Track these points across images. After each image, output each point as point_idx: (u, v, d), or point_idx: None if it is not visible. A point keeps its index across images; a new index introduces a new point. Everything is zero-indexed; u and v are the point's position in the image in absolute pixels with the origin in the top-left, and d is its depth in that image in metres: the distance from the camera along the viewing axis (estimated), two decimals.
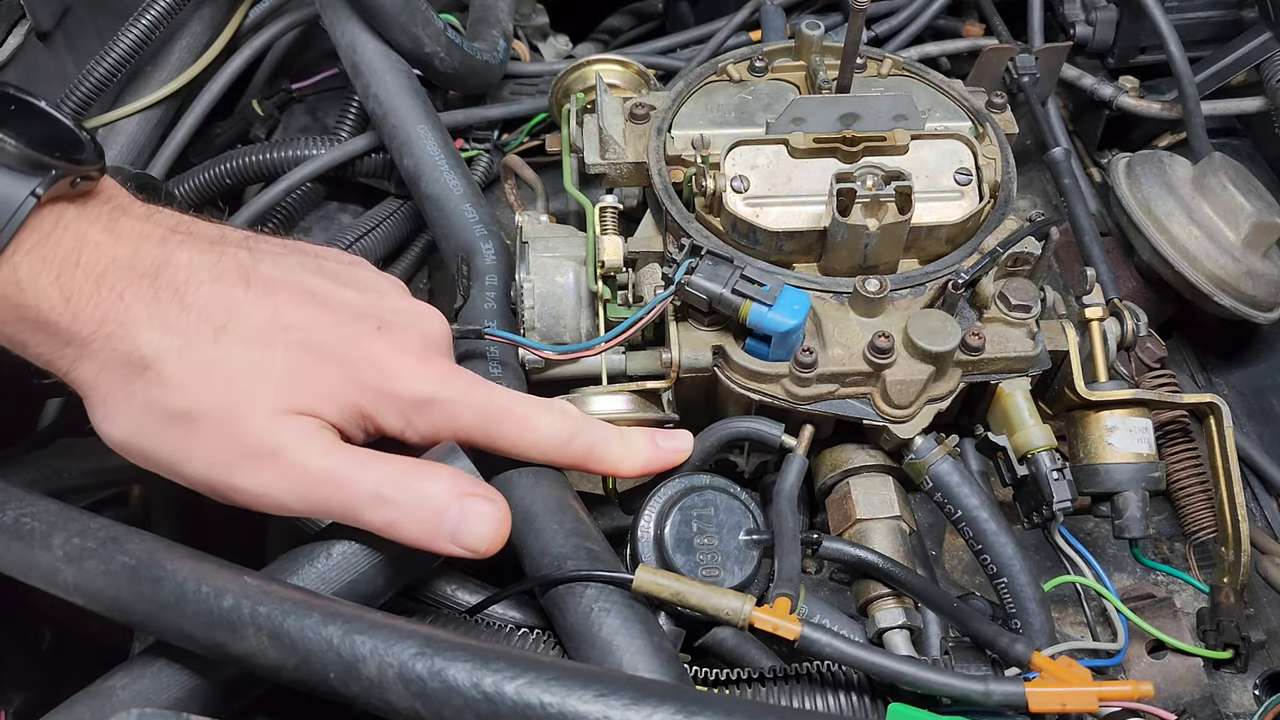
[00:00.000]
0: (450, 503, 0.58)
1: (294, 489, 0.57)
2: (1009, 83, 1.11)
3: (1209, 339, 1.10)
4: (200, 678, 0.57)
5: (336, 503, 0.58)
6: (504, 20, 1.15)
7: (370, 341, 0.61)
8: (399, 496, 0.58)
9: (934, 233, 0.76)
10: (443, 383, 0.62)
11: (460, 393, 0.63)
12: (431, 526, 0.58)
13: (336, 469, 0.57)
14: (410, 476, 0.59)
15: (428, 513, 0.58)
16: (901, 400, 0.72)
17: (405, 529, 0.58)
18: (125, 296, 0.55)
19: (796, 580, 0.67)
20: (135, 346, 0.55)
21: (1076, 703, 0.61)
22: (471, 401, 0.63)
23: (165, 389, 0.55)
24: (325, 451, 0.58)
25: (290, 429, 0.57)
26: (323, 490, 0.57)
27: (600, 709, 0.48)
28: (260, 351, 0.57)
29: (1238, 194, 0.93)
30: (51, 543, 0.56)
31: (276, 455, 0.56)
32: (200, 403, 0.56)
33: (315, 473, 0.57)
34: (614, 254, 0.78)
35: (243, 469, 0.57)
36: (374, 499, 0.57)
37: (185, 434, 0.56)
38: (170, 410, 0.56)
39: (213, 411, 0.56)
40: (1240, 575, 0.82)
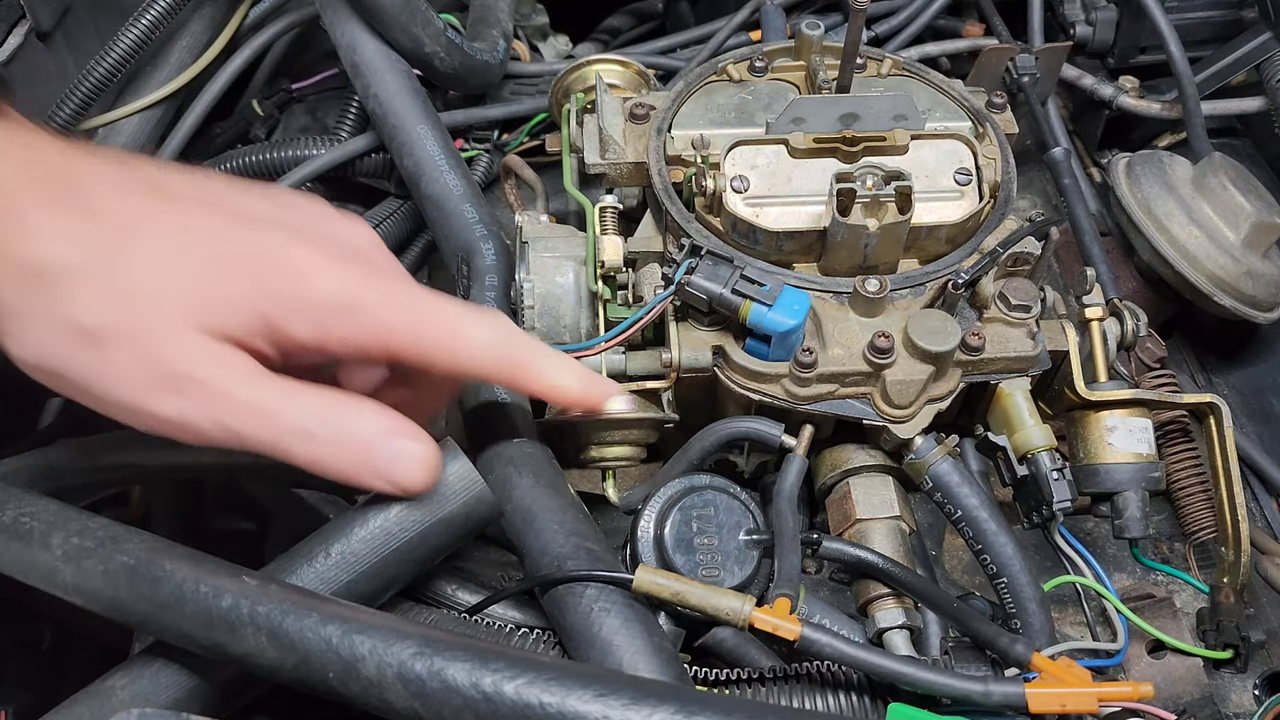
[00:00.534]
0: (379, 441, 0.56)
1: (217, 419, 0.54)
2: (1009, 83, 1.11)
3: (1209, 339, 1.09)
4: (199, 678, 0.57)
5: (260, 436, 0.54)
6: (504, 20, 1.15)
7: (282, 247, 0.56)
8: (324, 433, 0.55)
9: (934, 233, 0.76)
10: (362, 284, 0.56)
11: (382, 295, 0.57)
12: (360, 464, 0.56)
13: (260, 400, 0.54)
14: (337, 411, 0.56)
15: (354, 450, 0.56)
16: (901, 400, 0.72)
17: (331, 465, 0.56)
18: (21, 203, 0.52)
19: (796, 580, 0.67)
20: (34, 256, 0.51)
21: (1076, 703, 0.61)
22: (395, 305, 0.57)
23: (70, 303, 0.52)
24: (248, 380, 0.54)
25: (209, 354, 0.53)
26: (246, 422, 0.54)
27: (600, 709, 0.48)
28: (167, 262, 0.54)
29: (1238, 194, 0.93)
30: (50, 542, 0.56)
31: (197, 383, 0.53)
32: (107, 319, 0.52)
33: (238, 403, 0.54)
34: (614, 254, 0.78)
35: (163, 396, 0.53)
36: (299, 434, 0.55)
37: (96, 354, 0.52)
38: (77, 326, 0.52)
39: (122, 328, 0.52)
40: (1240, 575, 0.82)
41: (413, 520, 0.62)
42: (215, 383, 0.53)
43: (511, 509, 0.68)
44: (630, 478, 0.97)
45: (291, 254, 0.56)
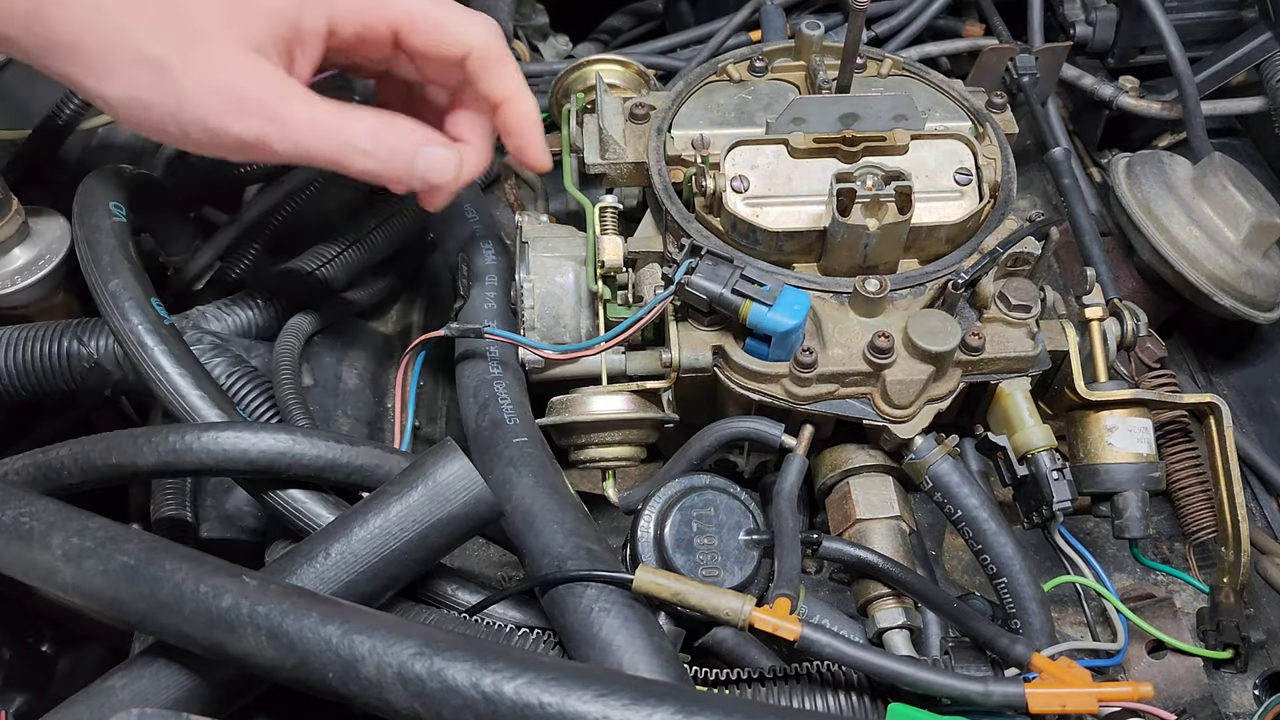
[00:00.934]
0: (417, 149, 0.69)
1: (287, 136, 0.64)
2: (1009, 83, 1.11)
3: (1209, 339, 1.09)
4: (199, 678, 0.57)
5: (325, 150, 0.66)
6: (504, 20, 1.15)
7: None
8: (376, 147, 0.67)
9: (934, 233, 0.76)
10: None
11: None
12: (405, 170, 0.68)
13: (320, 118, 0.65)
14: (385, 127, 0.68)
15: (401, 159, 0.68)
16: (901, 400, 0.72)
17: (382, 173, 0.68)
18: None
19: (796, 580, 0.67)
20: (102, 2, 0.61)
21: (1076, 703, 0.61)
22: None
23: (134, 33, 0.61)
24: (306, 100, 0.65)
25: (265, 75, 0.64)
26: (312, 138, 0.65)
27: (600, 709, 0.48)
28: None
29: (1238, 194, 0.93)
30: (50, 542, 0.56)
31: (264, 104, 0.63)
32: (166, 45, 0.61)
33: (303, 121, 0.64)
34: (614, 254, 0.78)
35: (239, 118, 0.63)
36: (356, 150, 0.66)
37: (168, 80, 0.62)
38: (145, 55, 0.61)
39: (180, 52, 0.61)
40: (1240, 575, 0.82)
41: (413, 520, 0.62)
42: (279, 103, 0.64)
43: (511, 509, 0.68)
44: (630, 478, 0.97)
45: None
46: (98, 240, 0.72)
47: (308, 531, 0.66)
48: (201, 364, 0.72)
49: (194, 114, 0.63)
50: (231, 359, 0.80)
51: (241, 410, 0.77)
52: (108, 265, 0.71)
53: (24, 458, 0.67)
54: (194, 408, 0.68)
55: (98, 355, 0.79)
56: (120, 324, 0.70)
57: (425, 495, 0.62)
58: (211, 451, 0.64)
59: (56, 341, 0.79)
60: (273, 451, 0.65)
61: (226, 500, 0.82)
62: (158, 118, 0.64)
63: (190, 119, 0.63)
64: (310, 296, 0.89)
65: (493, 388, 0.76)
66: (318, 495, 0.68)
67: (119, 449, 0.64)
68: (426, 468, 0.63)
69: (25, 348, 0.78)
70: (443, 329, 0.77)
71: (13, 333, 0.79)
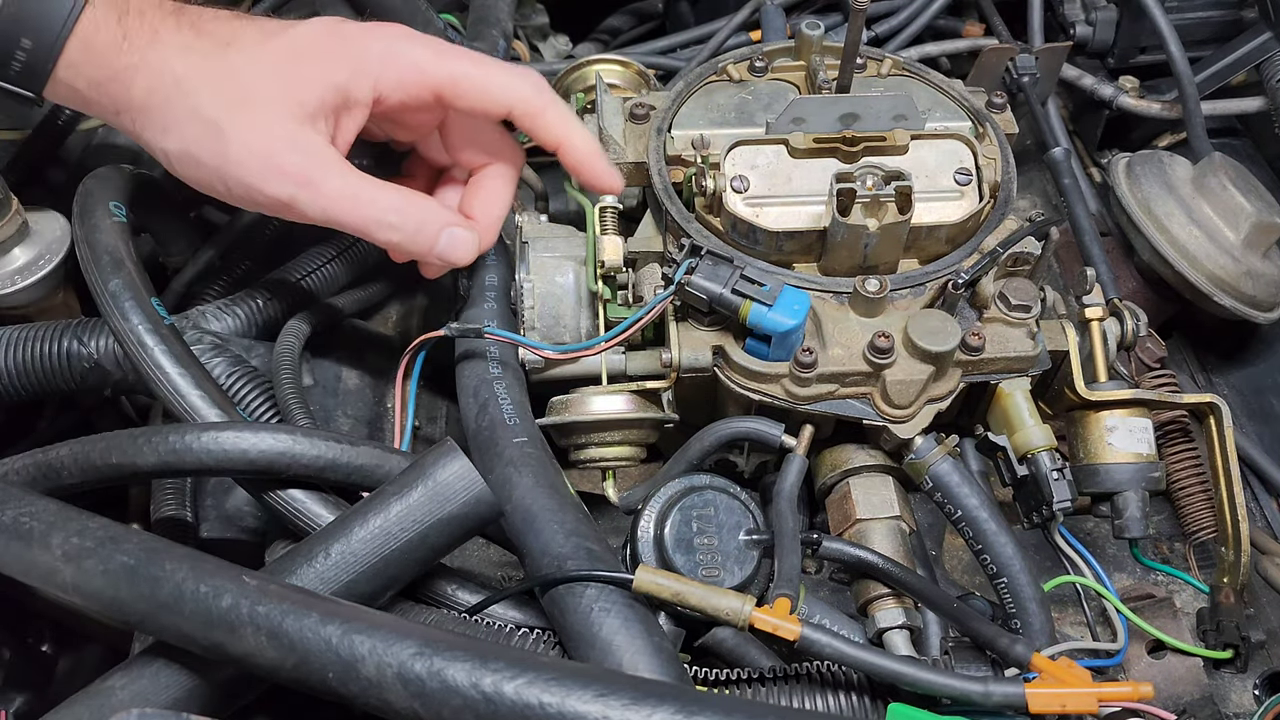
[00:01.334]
0: (441, 229, 0.73)
1: (317, 203, 0.69)
2: (1009, 83, 1.11)
3: (1209, 339, 1.09)
4: (199, 678, 0.57)
5: (352, 220, 0.70)
6: (504, 20, 1.15)
7: (338, 28, 0.72)
8: (403, 223, 0.72)
9: (934, 233, 0.76)
10: (408, 37, 0.73)
11: (427, 45, 0.73)
12: (427, 247, 0.74)
13: (352, 190, 0.70)
14: (412, 205, 0.73)
15: (424, 237, 0.73)
16: (901, 400, 0.72)
17: (405, 247, 0.74)
18: (159, 30, 0.68)
19: (796, 580, 0.67)
20: (171, 66, 0.68)
21: (1076, 703, 0.61)
22: (440, 49, 0.73)
23: (196, 97, 0.68)
24: (342, 173, 0.70)
25: (307, 145, 0.69)
26: (342, 207, 0.70)
27: (600, 709, 0.48)
28: (258, 60, 0.69)
29: (1238, 194, 0.93)
30: (50, 542, 0.56)
31: (301, 171, 0.68)
32: (223, 106, 0.67)
33: (335, 191, 0.69)
34: (614, 254, 0.78)
35: (277, 180, 0.68)
36: (383, 224, 0.71)
37: (220, 141, 0.68)
38: (203, 117, 0.68)
39: (235, 115, 0.67)
40: (1240, 575, 0.82)
41: (413, 520, 0.62)
42: (314, 171, 0.69)
43: (511, 509, 0.68)
44: (630, 478, 0.97)
45: (348, 32, 0.72)
46: (98, 240, 0.72)
47: (308, 531, 0.66)
48: (201, 364, 0.72)
49: (235, 173, 0.68)
50: (231, 359, 0.80)
51: (241, 410, 0.77)
52: (108, 265, 0.71)
53: (24, 458, 0.67)
54: (194, 408, 0.68)
55: (98, 355, 0.79)
56: (120, 324, 0.70)
57: (425, 495, 0.62)
58: (211, 451, 0.64)
59: (56, 341, 0.78)
60: (273, 451, 0.65)
61: (226, 500, 0.82)
62: (207, 174, 0.69)
63: (233, 177, 0.68)
64: (310, 296, 0.89)
65: (493, 388, 0.76)
66: (318, 495, 0.68)
67: (119, 449, 0.64)
68: (426, 468, 0.63)
69: (25, 348, 0.78)
70: (443, 329, 0.77)
71: (13, 333, 0.79)
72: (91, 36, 0.67)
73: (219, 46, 0.69)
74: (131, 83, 0.68)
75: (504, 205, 0.80)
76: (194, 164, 0.69)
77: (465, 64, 0.73)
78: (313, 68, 0.70)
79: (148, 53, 0.68)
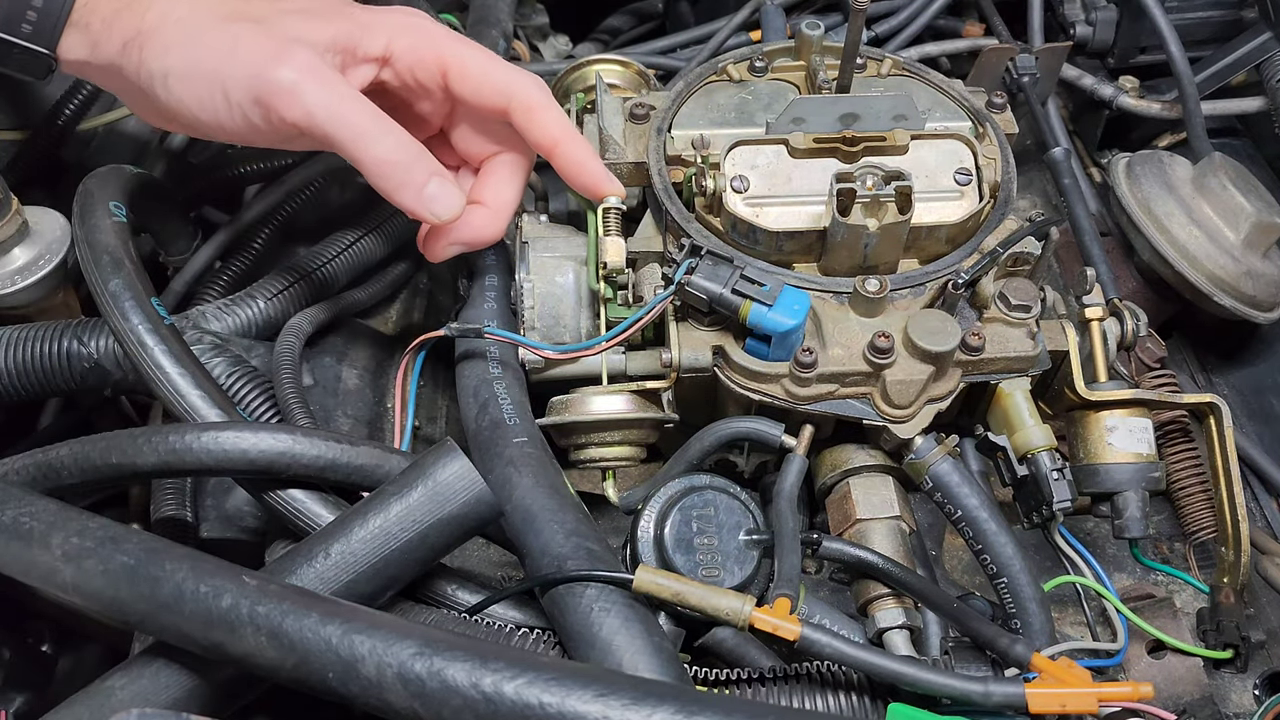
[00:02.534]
0: (431, 175, 0.72)
1: (320, 93, 0.67)
2: (1009, 83, 1.11)
3: (1209, 339, 1.09)
4: (199, 678, 0.57)
5: (352, 121, 0.68)
6: (504, 20, 1.15)
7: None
8: (400, 148, 0.70)
9: (934, 233, 0.76)
10: (414, 14, 0.74)
11: (439, 26, 0.75)
12: (416, 183, 0.71)
13: (361, 101, 0.69)
14: (410, 140, 0.71)
15: (417, 181, 0.71)
16: (901, 400, 0.72)
17: (395, 177, 0.71)
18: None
19: (796, 580, 0.67)
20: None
21: (1076, 703, 0.61)
22: (449, 32, 0.75)
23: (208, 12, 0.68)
24: (349, 85, 0.69)
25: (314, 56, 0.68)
26: (347, 107, 0.68)
27: (600, 709, 0.48)
28: (269, 7, 0.70)
29: (1238, 194, 0.93)
30: (50, 542, 0.56)
31: (310, 66, 0.67)
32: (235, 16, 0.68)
33: (343, 91, 0.68)
34: (616, 255, 0.78)
35: (281, 67, 0.67)
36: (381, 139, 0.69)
37: (226, 36, 0.67)
38: (217, 30, 0.67)
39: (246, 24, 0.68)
40: (1240, 575, 0.82)
41: (413, 520, 0.62)
42: (327, 72, 0.68)
43: (511, 509, 0.68)
44: (630, 478, 0.97)
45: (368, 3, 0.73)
46: (98, 240, 0.72)
47: (308, 531, 0.66)
48: (201, 364, 0.72)
49: (240, 69, 0.67)
50: (231, 359, 0.80)
51: (242, 410, 0.77)
52: (108, 265, 0.71)
53: (24, 458, 0.67)
54: (194, 407, 0.68)
55: (98, 355, 0.79)
56: (120, 324, 0.70)
57: (425, 495, 0.62)
58: (211, 451, 0.64)
59: (56, 341, 0.79)
60: (273, 451, 0.65)
61: (226, 500, 0.82)
62: (206, 81, 0.68)
63: (234, 71, 0.67)
64: (310, 296, 0.89)
65: (493, 388, 0.76)
66: (318, 495, 0.68)
67: (119, 449, 0.64)
68: (426, 468, 0.63)
69: (25, 348, 0.78)
70: (443, 329, 0.77)
71: (13, 333, 0.79)
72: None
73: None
74: (146, 10, 0.68)
75: (515, 192, 0.79)
76: (195, 73, 0.68)
77: (474, 50, 0.74)
78: (331, 13, 0.71)
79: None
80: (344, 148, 0.69)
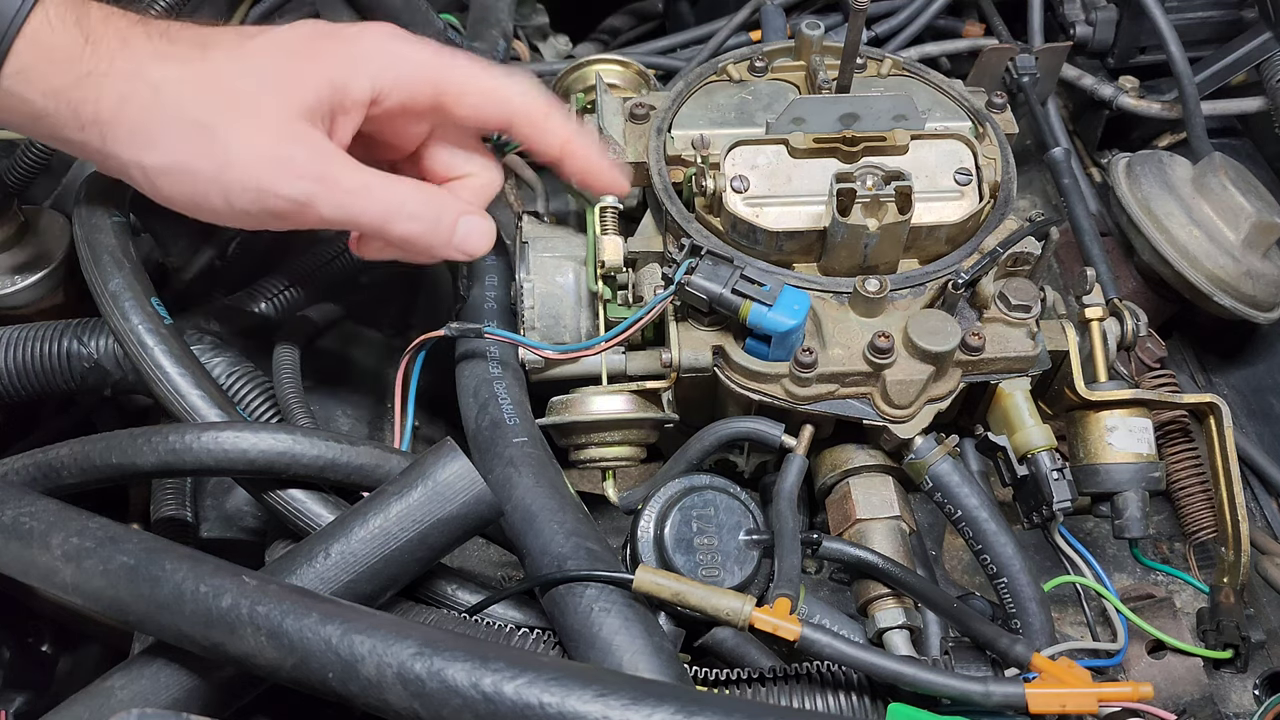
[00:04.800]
0: (458, 218, 0.69)
1: (333, 198, 0.64)
2: (1009, 83, 1.11)
3: (1209, 339, 1.09)
4: (199, 678, 0.57)
5: (372, 213, 0.66)
6: (504, 20, 1.15)
7: (329, 31, 0.68)
8: (423, 211, 0.68)
9: (934, 233, 0.76)
10: (404, 38, 0.69)
11: (426, 46, 0.70)
12: (445, 239, 0.69)
13: (370, 183, 0.66)
14: (429, 195, 0.69)
15: (443, 227, 0.69)
16: (901, 400, 0.72)
17: (423, 241, 0.68)
18: (128, 37, 0.63)
19: (796, 580, 0.67)
20: (146, 72, 0.62)
21: (1076, 703, 0.61)
22: (439, 51, 0.70)
23: (180, 102, 0.62)
24: (352, 166, 0.66)
25: (310, 139, 0.64)
26: (358, 202, 0.65)
27: (600, 709, 0.48)
28: (243, 60, 0.65)
29: (1238, 194, 0.93)
30: (50, 542, 0.56)
31: (311, 165, 0.64)
32: (212, 109, 0.62)
33: (350, 185, 0.65)
34: (614, 254, 0.78)
35: (286, 177, 0.63)
36: (402, 213, 0.67)
37: (214, 143, 0.62)
38: (191, 121, 0.62)
39: (227, 115, 0.62)
40: (1240, 575, 0.82)
41: (413, 520, 0.62)
42: (326, 166, 0.64)
43: (511, 509, 0.68)
44: (630, 478, 0.97)
45: (340, 31, 0.68)
46: (98, 240, 0.72)
47: (308, 532, 0.66)
48: (201, 364, 0.72)
49: (240, 177, 0.63)
50: (231, 359, 0.80)
51: (242, 410, 0.77)
52: (108, 265, 0.71)
53: (24, 458, 0.67)
54: (194, 408, 0.68)
55: (98, 355, 0.79)
56: (120, 324, 0.70)
57: (425, 495, 0.62)
58: (211, 451, 0.64)
59: (56, 341, 0.79)
60: (273, 451, 0.65)
61: (226, 500, 0.82)
62: (203, 185, 0.63)
63: (236, 181, 0.63)
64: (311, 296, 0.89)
65: (493, 388, 0.76)
66: (318, 495, 0.68)
67: (119, 449, 0.64)
68: (426, 468, 0.63)
69: (25, 348, 0.78)
70: (443, 329, 0.77)
71: (13, 333, 0.79)
72: (45, 37, 0.60)
73: (196, 49, 0.64)
74: (100, 92, 0.61)
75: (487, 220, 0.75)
76: (186, 177, 0.63)
77: (467, 64, 0.70)
78: (305, 64, 0.65)
79: (117, 60, 0.62)
80: (368, 233, 0.69)
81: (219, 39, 0.65)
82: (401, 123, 0.72)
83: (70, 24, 0.61)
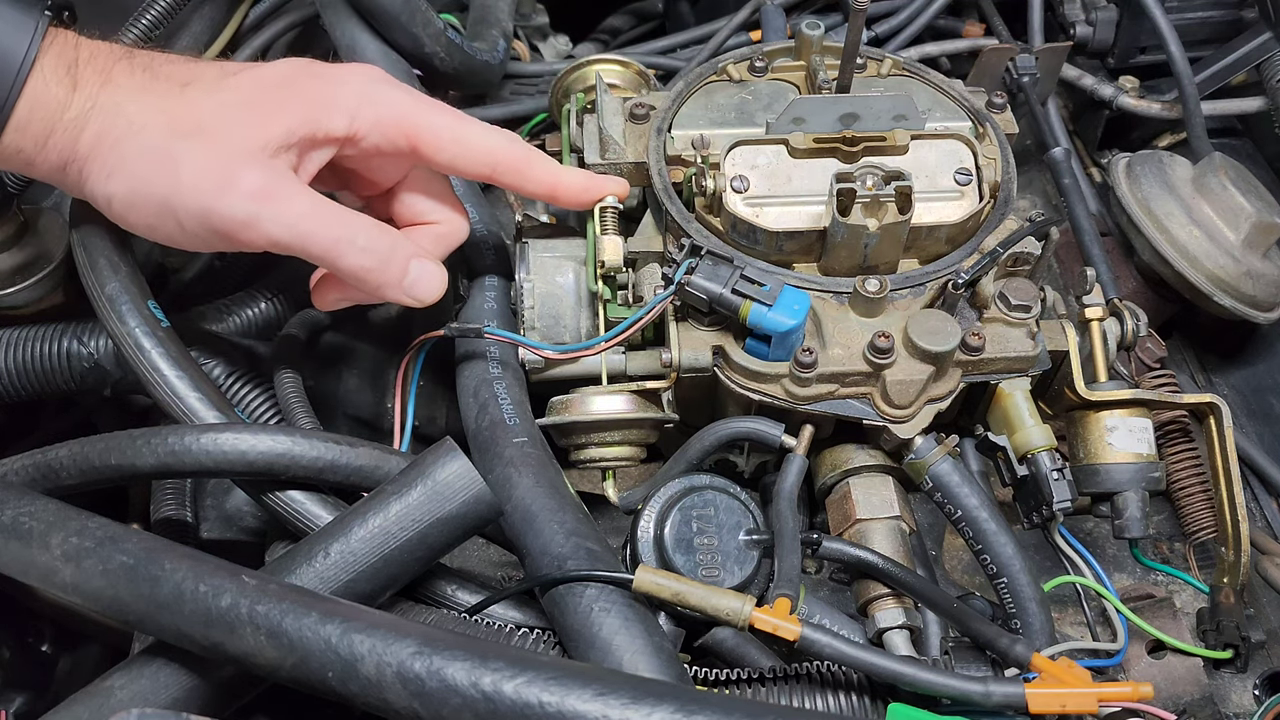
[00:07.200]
0: (410, 259, 0.69)
1: (284, 220, 0.64)
2: (1009, 83, 1.11)
3: (1209, 339, 1.09)
4: (198, 677, 0.57)
5: (320, 238, 0.65)
6: (504, 20, 1.15)
7: (308, 68, 0.70)
8: (374, 245, 0.67)
9: (934, 233, 0.76)
10: (383, 80, 0.71)
11: (403, 90, 0.71)
12: (394, 279, 0.69)
13: (321, 208, 0.66)
14: (384, 232, 0.68)
15: (394, 267, 0.68)
16: (901, 400, 0.72)
17: (372, 278, 0.68)
18: (112, 73, 0.65)
19: (796, 580, 0.67)
20: (123, 109, 0.64)
21: (1076, 704, 0.61)
22: (415, 96, 0.71)
23: (147, 133, 0.63)
24: (309, 194, 0.66)
25: (271, 167, 0.64)
26: (310, 226, 0.65)
27: (599, 708, 0.48)
28: (220, 97, 0.66)
29: (1238, 194, 0.93)
30: (50, 542, 0.56)
31: (265, 188, 0.64)
32: (174, 136, 0.63)
33: (303, 208, 0.65)
34: (614, 254, 0.78)
35: (235, 198, 0.63)
36: (353, 245, 0.66)
37: (167, 162, 0.63)
38: (152, 148, 0.63)
39: (188, 141, 0.63)
40: (1240, 575, 0.82)
41: (412, 520, 0.62)
42: (276, 187, 0.64)
43: (511, 509, 0.68)
44: (630, 478, 0.97)
45: (325, 71, 0.69)
46: (93, 244, 0.72)
47: (307, 532, 0.66)
48: (199, 366, 0.72)
49: (188, 198, 0.63)
50: (231, 360, 0.80)
51: (241, 411, 0.77)
52: (105, 268, 0.71)
53: (24, 458, 0.67)
54: (192, 410, 0.68)
55: (98, 355, 0.79)
56: (117, 327, 0.69)
57: (425, 495, 0.62)
58: (210, 453, 0.64)
59: (56, 341, 0.79)
60: (272, 453, 0.65)
61: (226, 500, 0.82)
62: (155, 207, 0.64)
63: (184, 204, 0.64)
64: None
65: (493, 388, 0.76)
66: (317, 496, 0.68)
67: (118, 450, 0.64)
68: (426, 467, 0.63)
69: (25, 348, 0.78)
70: (442, 329, 0.77)
71: (13, 333, 0.79)
72: (40, 92, 0.62)
73: (176, 87, 0.66)
74: (81, 131, 0.63)
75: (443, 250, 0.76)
76: (141, 200, 0.64)
77: (445, 118, 0.71)
78: (281, 99, 0.66)
79: (99, 97, 0.64)
80: (315, 261, 0.67)
81: (201, 75, 0.67)
82: (378, 162, 0.73)
83: (62, 74, 0.63)
